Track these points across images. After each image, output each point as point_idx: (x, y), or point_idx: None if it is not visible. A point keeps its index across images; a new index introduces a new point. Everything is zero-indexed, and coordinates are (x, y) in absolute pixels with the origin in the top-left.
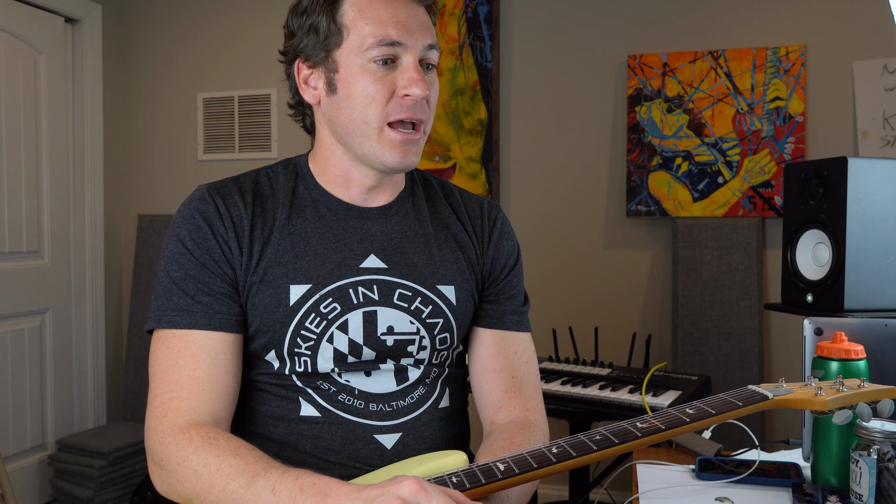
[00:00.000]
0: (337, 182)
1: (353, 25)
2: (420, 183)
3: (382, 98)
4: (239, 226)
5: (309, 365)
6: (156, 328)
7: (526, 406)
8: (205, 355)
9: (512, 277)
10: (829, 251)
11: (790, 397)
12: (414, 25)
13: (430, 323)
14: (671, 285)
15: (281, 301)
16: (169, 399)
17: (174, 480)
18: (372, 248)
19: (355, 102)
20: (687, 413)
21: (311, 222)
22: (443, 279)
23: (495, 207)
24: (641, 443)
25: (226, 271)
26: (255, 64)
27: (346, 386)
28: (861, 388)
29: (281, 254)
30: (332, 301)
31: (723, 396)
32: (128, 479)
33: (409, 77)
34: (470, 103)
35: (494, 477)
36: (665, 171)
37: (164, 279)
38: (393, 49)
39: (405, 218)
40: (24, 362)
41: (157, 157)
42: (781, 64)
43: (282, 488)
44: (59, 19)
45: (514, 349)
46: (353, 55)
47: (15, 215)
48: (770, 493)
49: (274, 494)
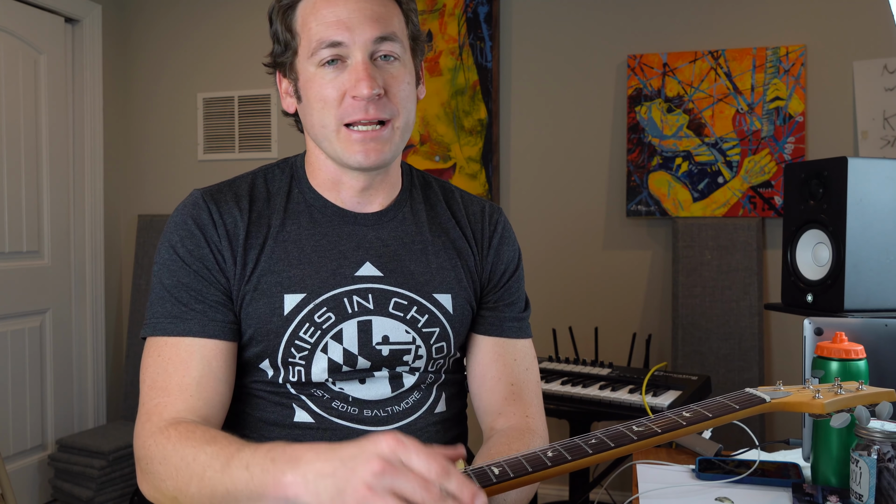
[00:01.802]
0: (328, 186)
1: (303, 31)
2: (419, 185)
3: (334, 101)
4: (233, 234)
5: (303, 374)
6: (149, 336)
7: (526, 413)
8: (196, 362)
9: (512, 284)
10: (829, 251)
11: (788, 400)
12: (358, 21)
13: (426, 332)
14: (671, 285)
15: (275, 310)
16: (154, 405)
17: (158, 481)
18: (367, 255)
19: (313, 108)
20: (683, 416)
21: (305, 229)
22: (440, 287)
23: (497, 211)
24: (637, 446)
25: (219, 279)
26: (255, 64)
27: (340, 393)
28: (859, 391)
29: (275, 262)
30: (327, 311)
31: (720, 399)
32: (128, 479)
33: (355, 77)
34: (470, 103)
35: (489, 480)
36: (665, 171)
37: (156, 287)
38: (337, 49)
39: (402, 223)
40: (24, 362)
41: (157, 157)
42: (781, 64)
43: (255, 463)
44: (59, 19)
45: (514, 356)
46: (305, 61)
47: (15, 215)
48: (770, 493)
49: (248, 471)
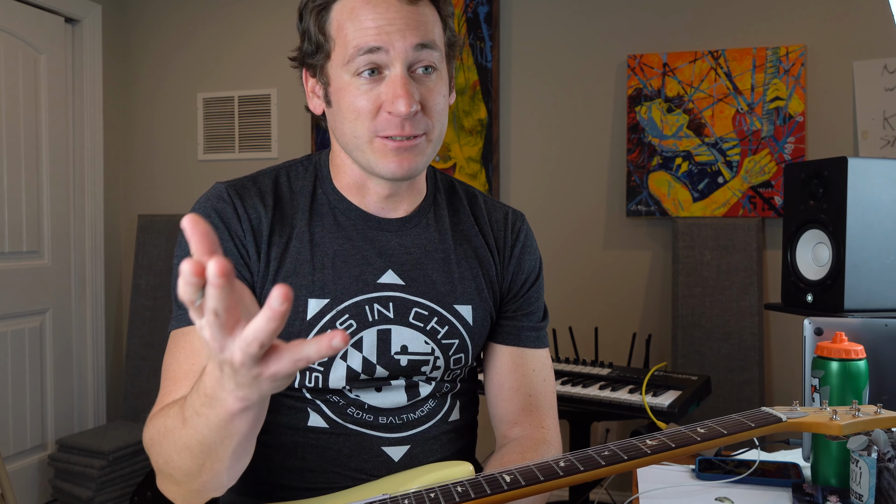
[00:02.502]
0: (352, 190)
1: (338, 36)
2: (444, 190)
3: (369, 114)
4: (257, 230)
5: (320, 381)
6: (172, 330)
7: (541, 424)
8: (205, 349)
9: (532, 293)
10: (829, 251)
11: (804, 420)
12: (398, 28)
13: (445, 344)
14: (671, 285)
15: (298, 314)
16: (162, 396)
17: (161, 462)
18: (390, 262)
19: (345, 117)
20: (698, 432)
21: (329, 231)
22: (461, 298)
23: (520, 218)
24: (650, 460)
25: (242, 273)
26: (255, 64)
27: (356, 400)
28: (878, 415)
29: (300, 263)
30: (349, 318)
31: (735, 417)
32: (128, 479)
33: (392, 93)
34: (470, 103)
35: (500, 488)
36: (665, 171)
37: (176, 279)
38: (375, 56)
39: (425, 230)
40: (24, 362)
41: (157, 157)
42: (781, 64)
43: (199, 405)
44: (59, 19)
45: (532, 367)
46: (339, 68)
47: (15, 215)
48: (770, 493)
49: (200, 416)
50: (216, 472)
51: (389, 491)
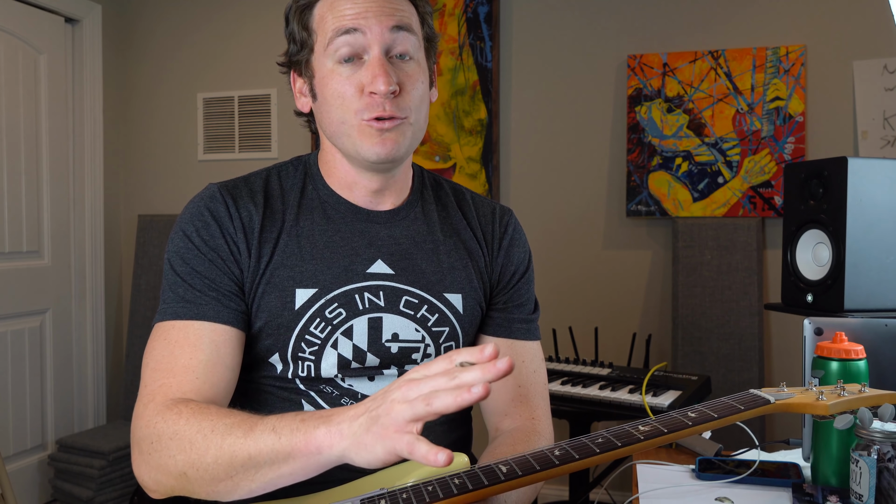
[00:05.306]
0: (342, 185)
1: (319, 27)
2: (430, 186)
3: (353, 97)
4: (249, 228)
5: (312, 370)
6: (159, 322)
7: (532, 415)
8: (205, 346)
9: (521, 285)
10: (829, 251)
11: (792, 401)
12: (374, 11)
13: (435, 331)
14: (671, 285)
15: (286, 304)
16: (159, 386)
17: (166, 458)
18: (379, 252)
19: (331, 105)
20: (689, 416)
21: (318, 224)
22: (450, 287)
23: (507, 213)
24: (643, 445)
25: (233, 270)
26: (255, 64)
27: (349, 390)
28: (862, 394)
29: (288, 256)
30: (338, 306)
31: (725, 400)
32: (128, 479)
33: (371, 73)
34: (470, 103)
35: (497, 479)
36: (665, 171)
37: (168, 274)
38: (353, 38)
39: (414, 222)
40: (24, 362)
41: (157, 157)
42: (781, 64)
43: (282, 426)
44: (59, 19)
45: (522, 358)
46: (322, 57)
47: (15, 215)
48: (770, 493)
49: (275, 433)
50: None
51: (386, 484)
